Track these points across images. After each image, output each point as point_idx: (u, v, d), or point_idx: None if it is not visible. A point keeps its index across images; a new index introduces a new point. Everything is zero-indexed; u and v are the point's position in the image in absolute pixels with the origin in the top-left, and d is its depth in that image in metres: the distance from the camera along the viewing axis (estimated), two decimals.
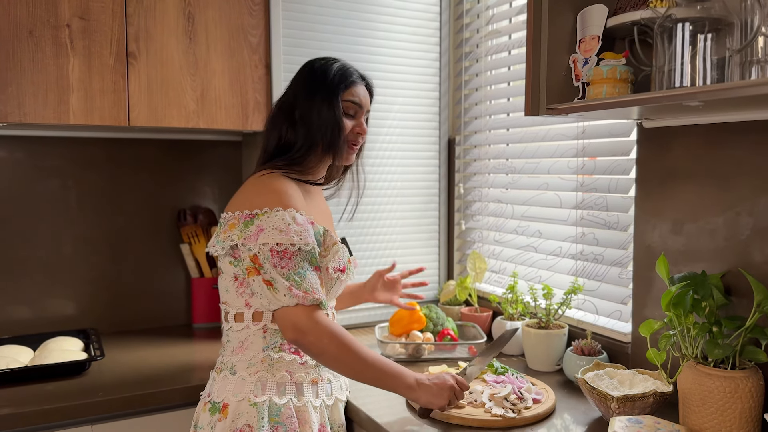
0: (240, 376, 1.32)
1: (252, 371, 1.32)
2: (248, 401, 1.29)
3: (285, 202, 1.29)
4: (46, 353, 1.70)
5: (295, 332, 1.25)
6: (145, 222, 2.15)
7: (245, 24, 1.88)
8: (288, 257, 1.25)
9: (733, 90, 0.98)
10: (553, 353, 1.69)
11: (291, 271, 1.25)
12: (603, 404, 1.33)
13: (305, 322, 1.24)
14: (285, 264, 1.25)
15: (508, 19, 2.07)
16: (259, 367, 1.32)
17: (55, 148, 2.00)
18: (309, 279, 1.27)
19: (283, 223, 1.26)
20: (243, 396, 1.30)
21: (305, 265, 1.27)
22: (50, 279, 2.01)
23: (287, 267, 1.25)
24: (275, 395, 1.31)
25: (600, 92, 1.25)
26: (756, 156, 1.29)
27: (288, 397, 1.32)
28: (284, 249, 1.25)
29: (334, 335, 1.26)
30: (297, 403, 1.32)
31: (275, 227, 1.25)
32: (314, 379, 1.36)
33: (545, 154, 1.88)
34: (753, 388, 1.19)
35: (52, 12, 1.64)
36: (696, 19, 1.13)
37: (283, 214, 1.27)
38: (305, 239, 1.27)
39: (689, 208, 1.43)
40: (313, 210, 1.41)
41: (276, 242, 1.24)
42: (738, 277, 1.33)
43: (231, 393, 1.31)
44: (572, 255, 1.79)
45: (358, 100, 1.43)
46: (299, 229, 1.27)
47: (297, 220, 1.27)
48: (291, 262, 1.25)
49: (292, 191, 1.32)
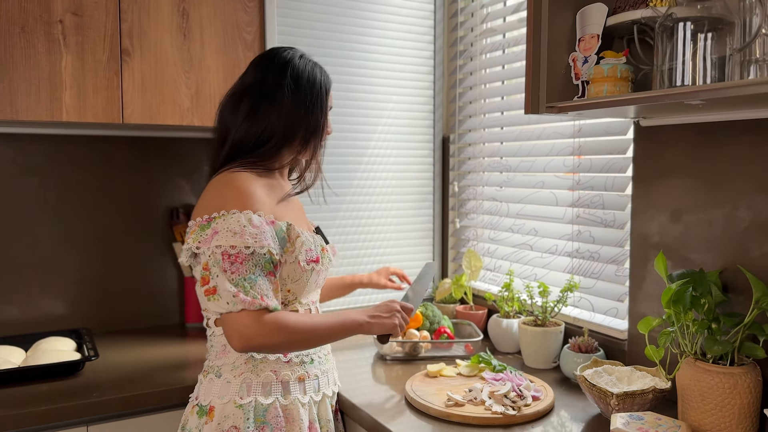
0: (225, 379, 1.31)
1: (236, 373, 1.31)
2: (234, 403, 1.29)
3: (242, 203, 1.27)
4: (39, 354, 1.68)
5: (242, 339, 1.21)
6: (137, 221, 2.12)
7: (240, 21, 1.87)
8: (239, 261, 1.23)
9: (734, 89, 0.99)
10: (549, 351, 1.70)
11: (241, 276, 1.23)
12: (602, 401, 1.34)
13: (251, 326, 1.21)
14: (235, 269, 1.23)
15: (503, 17, 2.07)
16: (243, 369, 1.31)
17: (47, 146, 1.98)
18: (259, 285, 1.24)
19: (239, 225, 1.24)
20: (228, 398, 1.30)
21: (257, 271, 1.25)
22: (40, 278, 1.99)
23: (237, 272, 1.23)
24: (261, 396, 1.31)
25: (601, 90, 1.26)
26: (753, 154, 1.30)
27: (274, 396, 1.31)
28: (237, 252, 1.23)
29: (281, 326, 1.24)
30: (284, 402, 1.32)
31: (230, 229, 1.23)
32: (301, 376, 1.36)
33: (541, 152, 1.88)
34: (751, 384, 1.21)
35: (44, 7, 1.62)
36: (696, 19, 1.14)
37: (238, 216, 1.25)
38: (260, 242, 1.24)
39: (686, 205, 1.44)
40: (280, 204, 1.37)
41: (230, 245, 1.22)
42: (735, 274, 1.34)
43: (217, 396, 1.31)
44: (568, 253, 1.80)
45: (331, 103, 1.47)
46: (255, 231, 1.24)
47: (253, 222, 1.25)
48: (242, 267, 1.23)
49: (253, 189, 1.30)
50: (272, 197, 1.35)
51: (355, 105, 2.11)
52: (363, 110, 2.12)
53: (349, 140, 2.10)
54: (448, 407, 1.38)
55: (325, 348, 1.45)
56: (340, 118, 2.07)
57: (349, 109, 2.09)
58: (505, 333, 1.84)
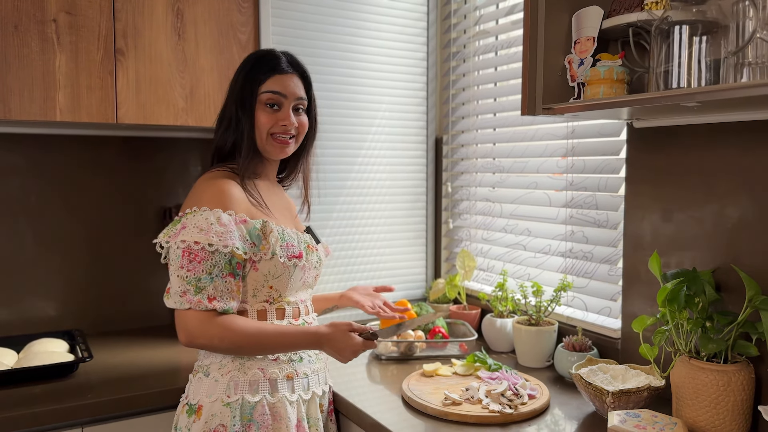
0: (213, 378, 1.32)
1: (224, 372, 1.32)
2: (221, 402, 1.30)
3: (216, 202, 1.29)
4: (32, 355, 1.66)
5: (186, 336, 1.26)
6: (129, 221, 2.11)
7: (234, 21, 1.87)
8: (198, 260, 1.24)
9: (730, 91, 1.01)
10: (543, 350, 1.72)
11: (195, 276, 1.24)
12: (598, 399, 1.36)
13: (195, 326, 1.25)
14: (192, 267, 1.25)
15: (495, 20, 2.09)
16: (231, 368, 1.32)
17: (39, 146, 1.96)
18: (214, 286, 1.26)
19: (206, 223, 1.25)
20: (216, 397, 1.31)
21: (215, 271, 1.26)
22: (30, 279, 1.97)
23: (193, 270, 1.25)
24: (248, 394, 1.31)
25: (597, 92, 1.28)
26: (745, 155, 1.33)
27: (261, 394, 1.32)
28: (201, 248, 1.24)
29: (226, 330, 1.25)
30: (271, 400, 1.33)
31: (197, 226, 1.25)
32: (289, 374, 1.36)
33: (534, 153, 1.90)
34: (745, 381, 1.23)
35: (38, 6, 1.60)
36: (692, 22, 1.16)
37: (207, 214, 1.27)
38: (225, 241, 1.25)
39: (678, 206, 1.46)
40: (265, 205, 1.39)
41: (194, 240, 1.24)
42: (727, 273, 1.36)
43: (205, 394, 1.32)
44: (561, 253, 1.82)
45: (280, 90, 1.38)
46: (221, 230, 1.25)
47: (221, 221, 1.27)
48: (199, 266, 1.25)
49: (229, 188, 1.31)
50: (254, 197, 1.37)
51: (349, 106, 2.11)
52: (357, 111, 2.13)
53: (343, 141, 2.11)
54: (445, 406, 1.39)
55: None
56: (334, 119, 2.07)
57: (342, 110, 2.10)
58: (499, 332, 1.85)
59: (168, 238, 1.28)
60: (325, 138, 2.07)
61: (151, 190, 2.14)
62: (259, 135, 1.38)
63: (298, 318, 1.41)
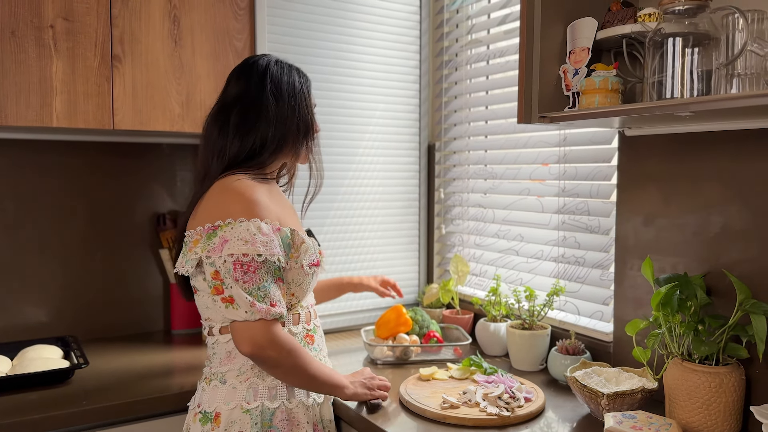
0: (231, 385, 1.32)
1: (242, 378, 1.33)
2: (241, 408, 1.30)
3: (250, 212, 1.27)
4: (27, 362, 1.65)
5: (253, 347, 1.24)
6: (122, 227, 2.11)
7: (230, 28, 1.88)
8: (252, 270, 1.25)
9: (725, 101, 1.05)
10: (537, 353, 1.74)
11: (254, 285, 1.25)
12: (593, 401, 1.38)
13: (265, 336, 1.24)
14: (248, 279, 1.24)
15: (487, 30, 2.12)
16: (250, 374, 1.33)
17: (31, 151, 1.95)
18: (272, 293, 1.26)
19: (249, 234, 1.24)
20: (235, 404, 1.31)
21: (269, 278, 1.27)
22: (23, 285, 1.96)
23: (250, 282, 1.24)
24: (267, 400, 1.32)
25: (593, 102, 1.31)
26: (734, 163, 1.37)
27: (280, 400, 1.33)
28: (250, 260, 1.24)
29: (292, 350, 1.28)
30: (289, 405, 1.34)
31: (240, 238, 1.24)
32: None
33: (526, 160, 1.93)
34: (736, 383, 1.27)
35: (35, 12, 1.60)
36: (684, 34, 1.19)
37: (248, 225, 1.26)
38: (271, 250, 1.26)
39: (670, 212, 1.50)
40: (279, 209, 1.38)
41: (242, 253, 1.23)
42: (717, 277, 1.40)
43: (222, 401, 1.31)
44: (554, 258, 1.85)
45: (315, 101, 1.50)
46: (265, 239, 1.26)
47: (263, 230, 1.26)
48: (255, 276, 1.25)
49: (258, 196, 1.31)
50: (274, 203, 1.37)
51: (343, 112, 2.13)
52: (350, 118, 2.15)
53: (337, 147, 2.12)
54: (443, 409, 1.41)
55: (324, 350, 1.48)
56: (328, 126, 2.09)
57: (336, 116, 2.12)
58: (493, 336, 1.88)
59: (209, 252, 1.25)
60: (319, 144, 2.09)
61: (144, 195, 2.14)
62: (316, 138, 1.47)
63: (309, 322, 1.45)
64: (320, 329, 1.49)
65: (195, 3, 1.81)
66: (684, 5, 1.18)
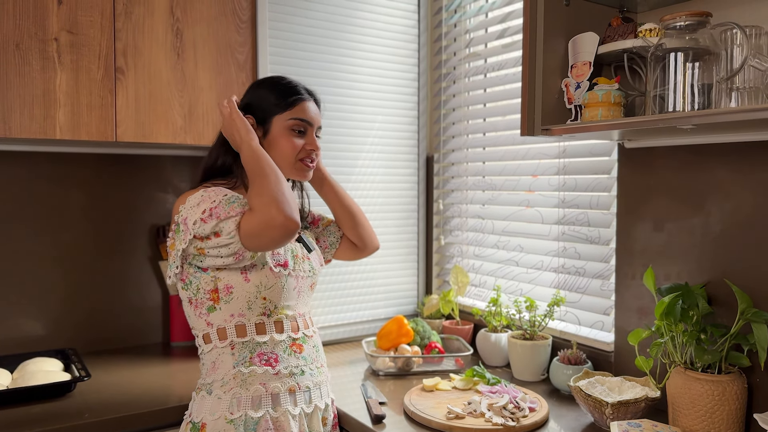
0: (216, 395, 1.33)
1: (226, 389, 1.33)
2: (224, 419, 1.31)
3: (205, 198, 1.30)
4: (28, 375, 1.64)
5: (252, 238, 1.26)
6: (121, 239, 2.10)
7: (232, 41, 1.89)
8: (215, 208, 1.27)
9: (727, 115, 1.08)
10: (538, 363, 1.76)
11: (222, 210, 1.26)
12: (597, 410, 1.40)
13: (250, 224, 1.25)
14: (215, 213, 1.26)
15: (485, 43, 2.15)
16: (233, 384, 1.33)
17: (30, 163, 1.95)
18: (240, 199, 1.29)
19: (197, 199, 1.29)
20: (219, 414, 1.31)
21: (231, 198, 1.29)
22: (21, 298, 1.94)
23: (216, 215, 1.26)
24: (251, 410, 1.32)
25: (595, 115, 1.33)
26: (733, 174, 1.40)
27: (264, 409, 1.33)
28: (211, 207, 1.27)
29: (270, 207, 1.25)
30: (274, 414, 1.34)
31: (192, 206, 1.29)
32: (291, 387, 1.37)
33: (525, 171, 1.96)
34: (738, 391, 1.29)
35: (39, 25, 1.61)
36: (685, 49, 1.22)
37: (193, 197, 1.30)
38: (224, 192, 1.30)
39: (669, 223, 1.52)
40: None
41: (201, 211, 1.27)
42: (718, 286, 1.42)
43: (208, 412, 1.32)
44: (554, 268, 1.87)
45: (307, 117, 1.44)
46: (213, 194, 1.29)
47: (209, 191, 1.30)
48: (218, 208, 1.27)
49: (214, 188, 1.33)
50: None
51: (342, 125, 2.15)
52: (349, 130, 2.17)
53: (336, 159, 2.14)
54: (449, 420, 1.42)
55: (318, 361, 1.45)
56: (327, 137, 2.11)
57: (335, 128, 2.13)
58: (494, 347, 1.89)
59: (182, 239, 1.29)
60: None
61: (144, 207, 2.14)
62: (284, 159, 1.41)
63: (297, 332, 1.42)
64: (313, 339, 1.46)
65: (198, 16, 1.83)
66: (685, 21, 1.21)
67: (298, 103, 1.43)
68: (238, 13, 1.90)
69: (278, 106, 1.42)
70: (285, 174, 1.42)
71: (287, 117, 1.41)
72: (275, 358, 1.36)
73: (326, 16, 2.09)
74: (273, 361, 1.35)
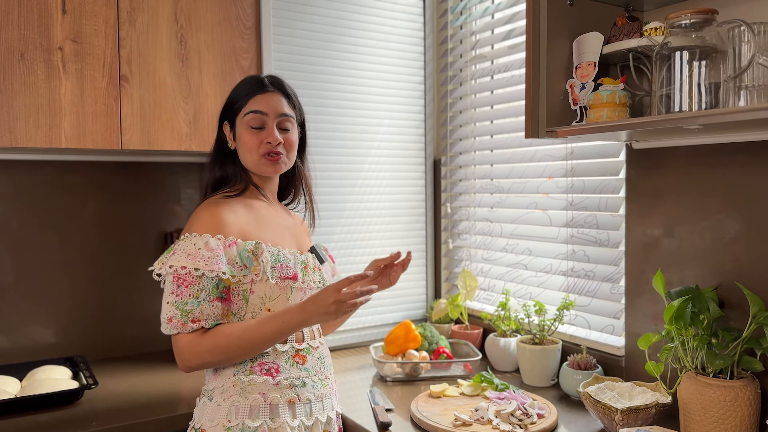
0: (216, 402, 1.33)
1: (226, 396, 1.32)
2: (222, 426, 1.30)
3: (204, 227, 1.30)
4: (36, 383, 1.65)
5: (180, 361, 1.28)
6: (129, 246, 2.11)
7: (237, 48, 1.89)
8: (185, 285, 1.26)
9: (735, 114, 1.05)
10: (548, 368, 1.73)
11: (183, 300, 1.26)
12: (607, 417, 1.37)
13: (186, 348, 1.26)
14: (180, 292, 1.26)
15: (491, 45, 2.13)
16: (232, 392, 1.32)
17: (39, 172, 1.96)
18: (201, 309, 1.27)
19: (194, 248, 1.27)
20: (217, 421, 1.31)
21: (202, 295, 1.27)
22: (31, 306, 1.95)
23: (181, 295, 1.26)
24: (248, 419, 1.30)
25: (601, 116, 1.31)
26: (742, 174, 1.37)
27: (262, 419, 1.31)
28: (187, 272, 1.26)
29: (211, 345, 1.26)
30: (272, 425, 1.31)
31: (185, 251, 1.27)
32: (291, 399, 1.35)
33: (533, 174, 1.94)
34: (751, 397, 1.25)
35: (44, 35, 1.62)
36: (691, 48, 1.20)
37: (196, 239, 1.28)
38: (211, 266, 1.27)
39: (680, 225, 1.50)
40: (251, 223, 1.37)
41: (181, 265, 1.26)
42: (728, 289, 1.39)
43: (208, 419, 1.32)
44: (563, 272, 1.85)
45: (262, 109, 1.39)
46: (208, 255, 1.27)
47: (209, 245, 1.28)
48: (187, 290, 1.26)
49: (221, 212, 1.32)
50: (245, 218, 1.36)
51: (349, 129, 2.14)
52: (356, 134, 2.16)
53: (343, 163, 2.13)
54: (456, 427, 1.40)
55: (322, 373, 1.42)
56: (334, 142, 2.10)
57: (342, 133, 2.12)
58: (503, 352, 1.87)
59: (161, 265, 1.30)
60: (325, 160, 2.10)
61: (151, 214, 2.14)
62: (249, 157, 1.40)
63: (302, 342, 1.40)
64: (319, 350, 1.43)
65: (202, 23, 1.83)
66: (690, 19, 1.19)
67: (252, 97, 1.40)
68: (242, 19, 1.90)
69: (238, 106, 1.41)
70: (255, 172, 1.42)
71: (244, 113, 1.40)
72: (276, 368, 1.34)
73: (331, 21, 2.09)
74: (274, 371, 1.34)
